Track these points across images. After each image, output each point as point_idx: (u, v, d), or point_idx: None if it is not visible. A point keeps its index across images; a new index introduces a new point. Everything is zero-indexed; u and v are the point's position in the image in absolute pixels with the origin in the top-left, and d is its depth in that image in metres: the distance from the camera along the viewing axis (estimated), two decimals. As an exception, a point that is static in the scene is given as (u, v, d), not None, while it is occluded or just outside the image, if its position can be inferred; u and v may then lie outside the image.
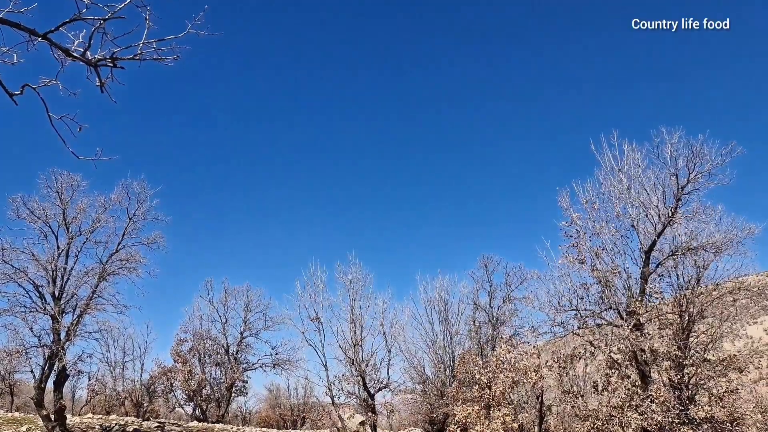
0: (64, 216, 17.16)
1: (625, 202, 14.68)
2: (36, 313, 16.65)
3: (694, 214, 14.20)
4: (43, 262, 16.73)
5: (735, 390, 13.80)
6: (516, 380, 14.22)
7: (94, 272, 17.39)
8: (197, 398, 30.20)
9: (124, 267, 17.75)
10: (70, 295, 17.14)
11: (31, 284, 16.65)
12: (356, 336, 18.64)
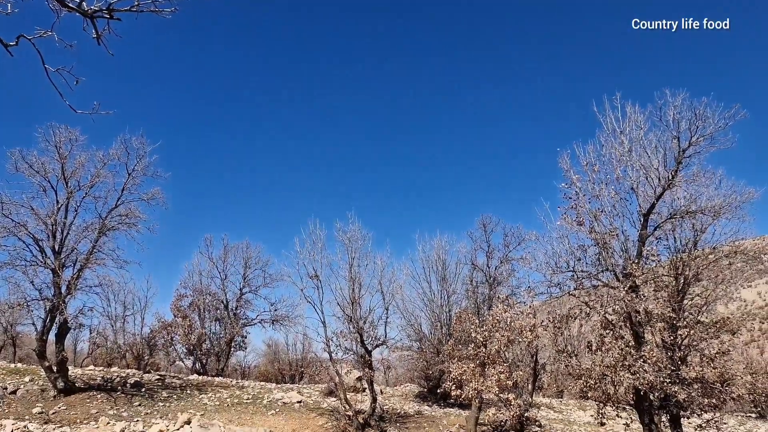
0: (63, 170, 17.10)
1: (625, 165, 14.63)
2: (36, 267, 16.76)
3: (694, 177, 14.18)
4: (42, 217, 16.76)
5: (726, 351, 14.02)
6: (511, 339, 14.41)
7: (94, 227, 17.43)
8: (197, 352, 30.67)
9: (124, 222, 17.79)
10: (70, 249, 17.22)
11: (31, 238, 16.71)
12: (354, 294, 18.79)
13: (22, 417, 14.92)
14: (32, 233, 16.64)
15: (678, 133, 14.06)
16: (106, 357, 29.54)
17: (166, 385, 19.96)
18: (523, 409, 13.97)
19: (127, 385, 18.83)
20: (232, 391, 20.31)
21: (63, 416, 15.32)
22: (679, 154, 14.09)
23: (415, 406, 21.61)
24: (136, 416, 15.80)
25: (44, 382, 17.37)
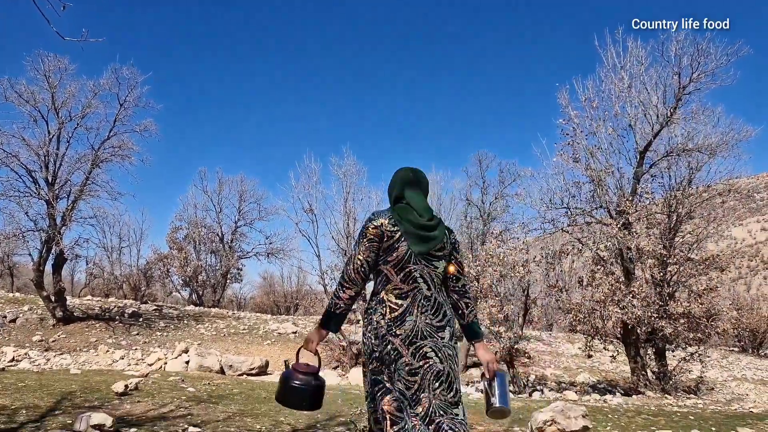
0: (53, 100, 16.78)
1: (624, 101, 14.46)
2: (30, 198, 16.70)
3: (693, 114, 14.06)
4: (34, 147, 16.55)
5: (714, 288, 14.28)
6: (504, 274, 14.59)
7: (87, 158, 17.27)
8: (193, 284, 31.06)
9: (117, 154, 17.63)
10: (63, 180, 17.11)
11: (23, 169, 16.57)
12: (349, 228, 18.89)
13: (23, 344, 15.21)
14: (24, 164, 16.49)
15: (679, 69, 13.83)
16: (104, 287, 29.91)
17: (164, 315, 20.30)
18: (513, 341, 14.28)
19: (125, 315, 19.14)
20: (228, 321, 20.69)
21: (63, 344, 15.63)
22: (678, 91, 13.91)
23: (407, 337, 22.12)
24: (134, 345, 16.13)
25: (43, 311, 17.62)
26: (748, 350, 27.69)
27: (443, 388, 2.68)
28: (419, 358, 2.67)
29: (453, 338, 2.79)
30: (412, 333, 2.68)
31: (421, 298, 2.74)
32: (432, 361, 2.68)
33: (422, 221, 2.78)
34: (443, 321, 2.78)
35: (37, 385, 7.89)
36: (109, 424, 5.23)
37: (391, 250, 2.71)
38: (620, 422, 7.87)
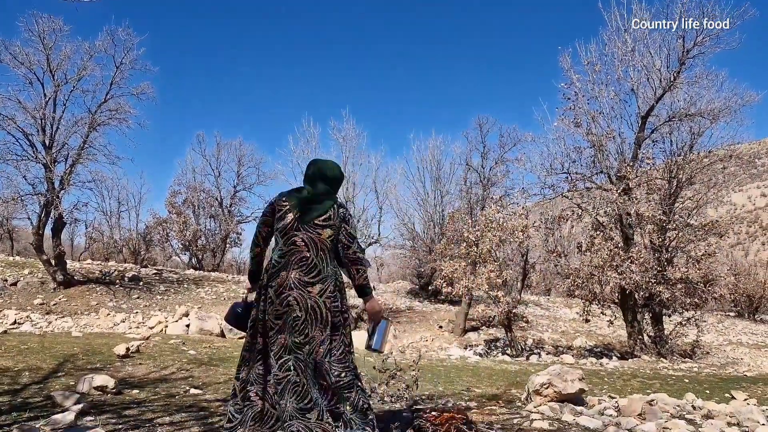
0: (49, 62, 16.54)
1: (627, 65, 14.29)
2: (28, 162, 16.58)
3: (696, 79, 13.91)
4: (30, 110, 16.37)
5: (713, 253, 14.34)
6: (503, 239, 14.62)
7: (84, 122, 17.10)
8: (193, 248, 31.14)
9: (114, 117, 17.45)
10: (60, 144, 16.97)
11: (20, 132, 16.42)
12: (348, 193, 18.86)
13: (24, 307, 15.32)
14: (21, 127, 16.33)
15: (683, 32, 13.63)
16: (103, 251, 29.98)
17: (164, 279, 20.39)
18: (511, 306, 14.39)
19: (125, 278, 19.23)
20: (228, 285, 20.80)
21: (64, 307, 15.74)
22: (682, 55, 13.73)
23: (406, 301, 22.28)
24: (135, 308, 16.24)
25: (43, 275, 17.69)
26: (744, 315, 27.95)
27: (297, 332, 3.20)
28: (284, 305, 3.22)
29: (324, 294, 3.26)
30: (281, 285, 3.24)
31: (298, 259, 3.26)
32: (291, 309, 3.21)
33: (308, 196, 3.35)
34: (315, 278, 3.26)
35: (40, 347, 7.96)
36: (112, 385, 5.28)
37: (280, 219, 3.34)
38: (616, 385, 7.98)
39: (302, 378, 3.18)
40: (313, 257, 3.28)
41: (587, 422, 4.75)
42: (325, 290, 3.28)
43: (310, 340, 3.22)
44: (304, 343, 3.22)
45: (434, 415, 4.23)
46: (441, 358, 12.04)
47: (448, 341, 16.44)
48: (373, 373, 5.54)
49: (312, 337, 3.21)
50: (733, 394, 7.04)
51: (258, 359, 3.31)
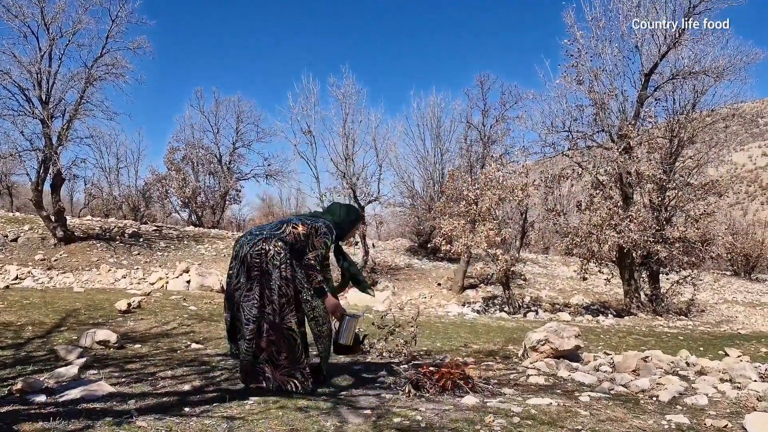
0: (43, 15, 16.21)
1: (632, 21, 14.04)
2: (25, 117, 16.42)
3: (702, 36, 13.69)
4: (26, 65, 16.14)
5: (711, 213, 14.36)
6: (502, 197, 14.61)
7: (80, 77, 16.87)
8: (192, 205, 31.14)
9: (110, 72, 17.21)
10: (57, 99, 16.78)
11: (16, 87, 16.21)
12: (348, 150, 18.74)
13: (25, 263, 15.41)
14: (17, 82, 16.13)
15: (690, -14, 13.36)
16: (103, 208, 29.98)
17: (164, 235, 20.46)
18: (509, 264, 14.47)
19: (125, 235, 19.29)
20: (227, 242, 20.89)
21: (65, 263, 15.84)
22: (688, 10, 13.48)
23: (405, 259, 22.42)
24: (135, 264, 16.35)
25: (43, 231, 17.74)
26: (740, 274, 28.17)
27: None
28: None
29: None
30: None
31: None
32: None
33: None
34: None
35: (42, 302, 8.04)
36: (114, 340, 5.36)
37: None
38: (611, 342, 8.09)
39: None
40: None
41: (582, 378, 4.83)
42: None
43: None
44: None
45: (432, 371, 4.30)
46: (439, 315, 12.18)
47: (446, 298, 16.61)
48: (372, 329, 5.60)
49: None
50: (727, 351, 7.15)
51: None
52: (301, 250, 3.96)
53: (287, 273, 3.88)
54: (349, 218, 4.34)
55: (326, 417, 3.42)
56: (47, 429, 2.94)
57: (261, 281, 3.87)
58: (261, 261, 3.87)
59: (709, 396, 4.30)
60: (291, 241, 3.94)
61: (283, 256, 3.88)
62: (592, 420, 3.54)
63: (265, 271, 3.86)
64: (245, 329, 3.89)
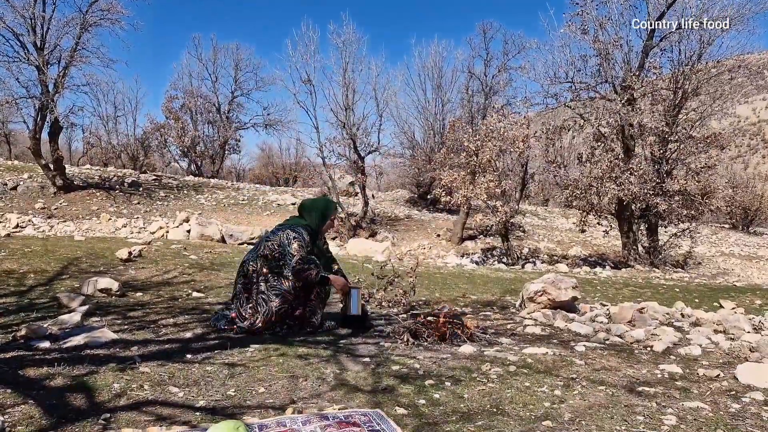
0: (34, -42, 15.79)
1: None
2: (20, 63, 16.17)
3: (710, -18, 13.36)
4: (19, 9, 15.79)
5: (713, 166, 14.31)
6: (503, 149, 14.52)
7: (75, 22, 16.52)
8: (191, 154, 31.02)
9: (106, 18, 16.85)
10: (52, 45, 16.48)
11: (10, 32, 15.89)
12: (348, 100, 18.51)
13: (26, 212, 15.44)
14: (11, 27, 15.81)
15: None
16: (102, 157, 29.86)
17: (163, 185, 20.44)
18: (509, 215, 14.50)
19: (125, 184, 19.27)
20: (227, 192, 20.89)
21: (65, 212, 15.87)
22: (698, -43, 13.12)
23: (405, 210, 22.46)
24: (136, 214, 16.38)
25: (42, 179, 17.71)
26: (738, 227, 28.29)
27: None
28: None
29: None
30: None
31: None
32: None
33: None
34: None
35: (43, 250, 8.09)
36: (116, 288, 5.41)
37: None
38: (608, 293, 8.18)
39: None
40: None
41: (578, 328, 4.90)
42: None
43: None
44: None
45: (430, 320, 4.36)
46: (438, 265, 12.27)
47: (445, 249, 16.71)
48: (372, 279, 5.65)
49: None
50: (722, 303, 7.23)
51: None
52: (279, 258, 4.36)
53: (269, 282, 4.35)
54: (318, 212, 4.63)
55: (326, 364, 3.48)
56: (52, 374, 3.00)
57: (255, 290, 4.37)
58: (252, 273, 4.40)
59: (702, 347, 4.37)
60: (268, 254, 4.36)
61: (259, 269, 4.37)
62: (587, 369, 3.61)
63: (255, 284, 4.37)
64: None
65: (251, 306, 4.32)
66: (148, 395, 2.79)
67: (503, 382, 3.26)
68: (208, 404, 2.71)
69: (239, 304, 4.39)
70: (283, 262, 4.35)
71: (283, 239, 4.38)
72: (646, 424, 2.65)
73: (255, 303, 4.32)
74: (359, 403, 2.82)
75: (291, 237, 4.37)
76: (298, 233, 4.41)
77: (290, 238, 4.37)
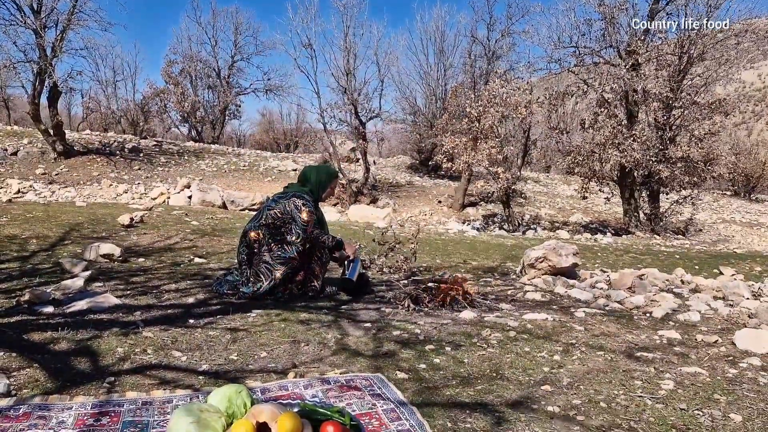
0: None
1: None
2: (17, 27, 15.96)
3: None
4: (15, -29, 15.52)
5: (716, 132, 14.22)
6: (505, 115, 14.41)
7: (72, -17, 16.26)
8: (191, 120, 30.83)
9: (103, -21, 16.61)
10: (49, 8, 16.23)
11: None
12: (349, 64, 18.32)
13: (26, 177, 15.42)
14: (7, -11, 15.56)
15: None
16: (101, 122, 29.71)
17: (164, 151, 20.37)
18: (510, 182, 14.46)
19: (125, 150, 19.20)
20: (228, 158, 20.83)
21: (66, 177, 15.85)
22: None
23: (406, 176, 22.41)
24: (137, 179, 16.36)
25: (43, 145, 17.64)
26: (740, 194, 28.24)
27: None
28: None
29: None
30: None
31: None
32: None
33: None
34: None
35: (45, 216, 8.10)
36: (118, 253, 5.42)
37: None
38: (608, 260, 8.21)
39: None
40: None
41: (578, 294, 4.93)
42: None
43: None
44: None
45: (431, 286, 4.38)
46: (439, 232, 12.30)
47: (446, 216, 16.73)
48: (373, 245, 5.66)
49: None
50: (722, 269, 7.26)
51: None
52: (282, 226, 4.34)
53: (273, 251, 4.34)
54: (319, 179, 4.61)
55: (327, 329, 3.51)
56: (56, 338, 3.03)
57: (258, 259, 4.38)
58: (254, 243, 4.38)
59: (701, 313, 4.40)
60: (271, 222, 4.32)
61: (262, 239, 4.36)
62: (587, 335, 3.64)
63: (258, 253, 4.36)
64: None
65: (254, 274, 4.33)
66: (152, 359, 2.82)
67: (503, 347, 3.29)
68: (211, 368, 2.74)
69: (242, 271, 4.41)
70: (285, 229, 4.34)
71: (289, 207, 4.35)
72: (644, 389, 2.68)
73: (258, 271, 4.32)
74: (360, 368, 2.86)
75: (299, 204, 4.35)
76: (305, 200, 4.40)
77: (298, 205, 4.35)
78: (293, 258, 4.32)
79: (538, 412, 2.38)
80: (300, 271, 4.41)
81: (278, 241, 4.35)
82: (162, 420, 2.14)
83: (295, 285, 4.42)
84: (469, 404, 2.44)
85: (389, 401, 2.40)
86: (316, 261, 4.50)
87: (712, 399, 2.60)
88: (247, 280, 4.35)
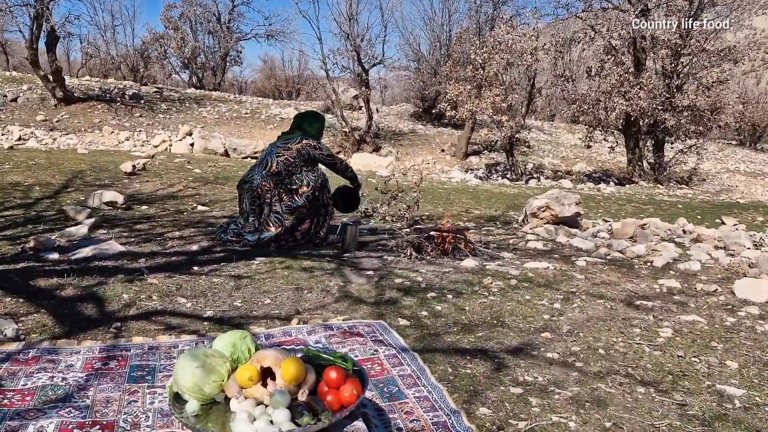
0: None
1: None
2: (11, -30, 15.59)
3: None
4: None
5: (725, 81, 13.99)
6: (510, 62, 14.17)
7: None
8: (192, 66, 30.37)
9: None
10: (44, -51, 15.82)
11: (-1, -66, 15.25)
12: (352, 9, 17.90)
13: (27, 124, 15.32)
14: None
15: None
16: (101, 68, 29.30)
17: (165, 97, 20.16)
18: (514, 130, 14.34)
19: (126, 96, 19.00)
20: (230, 105, 20.62)
21: (67, 124, 15.74)
22: None
23: (409, 125, 22.21)
24: (138, 127, 16.25)
25: (42, 91, 17.46)
26: (746, 144, 27.98)
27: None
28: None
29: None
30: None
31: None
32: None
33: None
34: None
35: (47, 163, 8.08)
36: (121, 201, 5.44)
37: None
38: (610, 209, 8.22)
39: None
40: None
41: (580, 243, 4.95)
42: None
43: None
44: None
45: (433, 234, 4.40)
46: (442, 180, 12.27)
47: (449, 164, 16.65)
48: (375, 194, 5.66)
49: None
50: (724, 219, 7.26)
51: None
52: (293, 173, 4.38)
53: (284, 201, 4.38)
54: (319, 126, 4.70)
55: (330, 277, 3.54)
56: (62, 284, 3.06)
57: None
58: (265, 193, 4.38)
59: (702, 262, 4.43)
60: (282, 170, 4.33)
61: (272, 188, 4.38)
62: (587, 283, 3.67)
63: (268, 204, 4.38)
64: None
65: (264, 223, 4.35)
66: (157, 305, 2.86)
67: (504, 295, 3.32)
68: (216, 314, 2.79)
69: (247, 219, 4.42)
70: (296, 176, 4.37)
71: (304, 150, 4.40)
72: (643, 337, 2.72)
73: (267, 221, 4.34)
74: (363, 315, 2.90)
75: (311, 144, 4.45)
76: (317, 142, 4.53)
77: (314, 145, 4.46)
78: (302, 206, 4.34)
79: (538, 359, 2.42)
80: (306, 220, 4.43)
81: (288, 191, 4.36)
82: (168, 364, 2.18)
83: (300, 233, 4.44)
84: (470, 350, 2.48)
85: (391, 347, 2.45)
86: (322, 211, 4.51)
87: (710, 346, 2.64)
88: (255, 229, 4.36)
